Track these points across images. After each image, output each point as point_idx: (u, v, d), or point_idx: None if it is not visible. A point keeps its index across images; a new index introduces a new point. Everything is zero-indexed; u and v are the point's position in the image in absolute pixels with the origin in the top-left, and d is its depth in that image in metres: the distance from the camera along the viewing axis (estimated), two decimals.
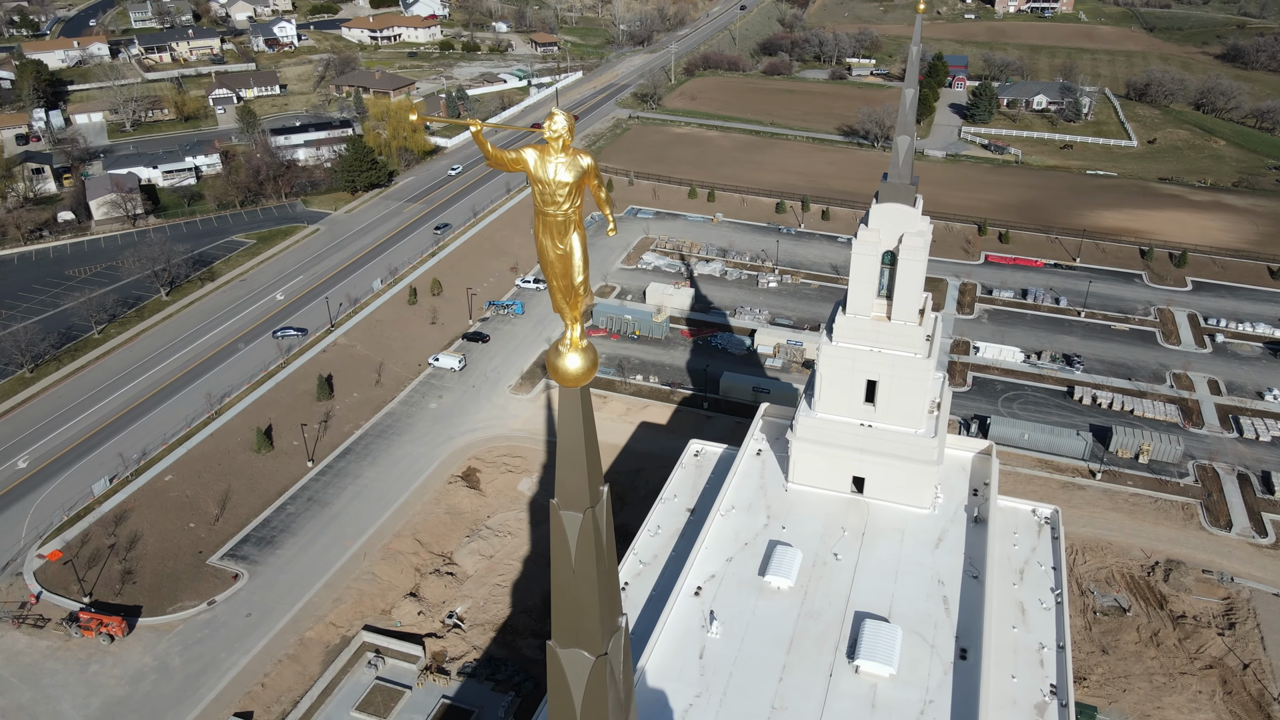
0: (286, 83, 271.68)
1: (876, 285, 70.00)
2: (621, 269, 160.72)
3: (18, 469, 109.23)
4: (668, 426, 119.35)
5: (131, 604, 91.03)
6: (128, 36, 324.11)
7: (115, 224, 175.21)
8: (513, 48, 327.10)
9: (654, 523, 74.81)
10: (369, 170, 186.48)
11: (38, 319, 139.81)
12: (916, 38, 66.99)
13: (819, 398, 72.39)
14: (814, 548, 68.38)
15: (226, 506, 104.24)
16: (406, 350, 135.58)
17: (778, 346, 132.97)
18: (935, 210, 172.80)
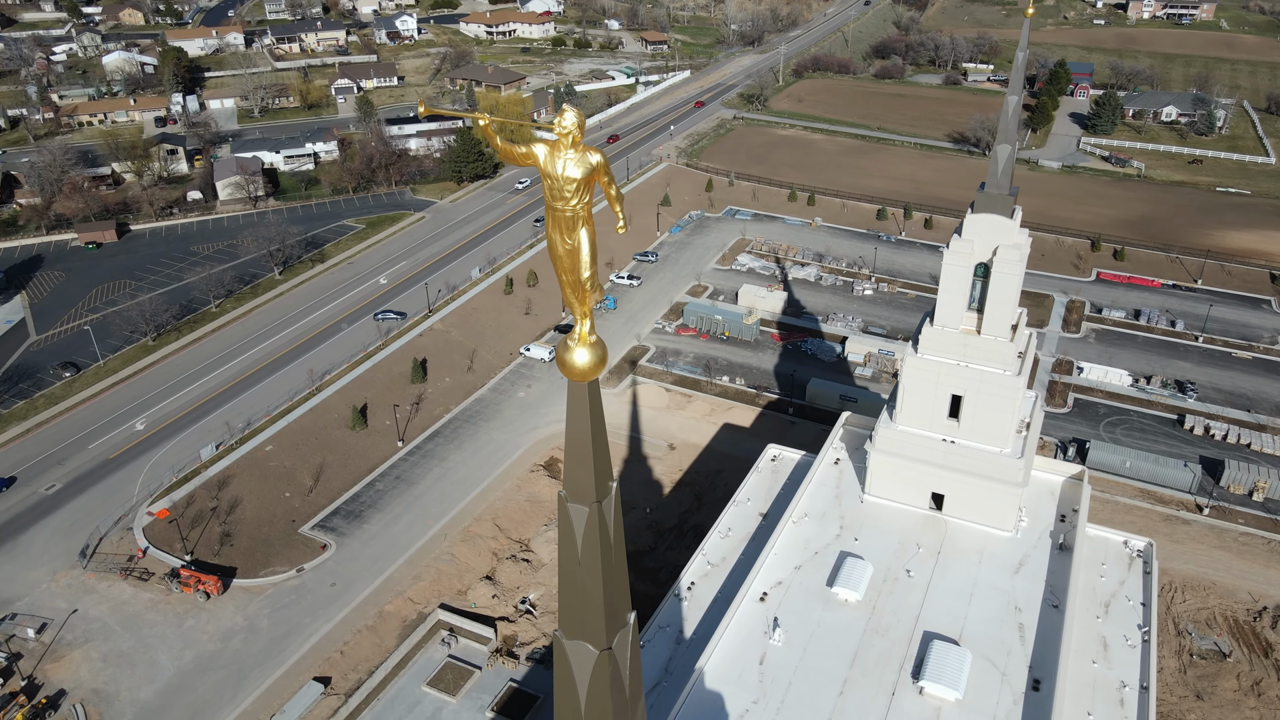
0: (404, 74, 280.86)
1: (967, 298, 67.94)
2: (716, 269, 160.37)
3: (136, 430, 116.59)
4: (751, 430, 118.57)
5: (228, 565, 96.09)
6: (261, 27, 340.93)
7: (238, 204, 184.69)
8: (623, 45, 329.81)
9: (725, 525, 74.59)
10: (475, 161, 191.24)
11: (163, 291, 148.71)
12: (1023, 43, 64.69)
13: (901, 410, 70.79)
14: (886, 562, 66.96)
15: (320, 479, 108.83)
16: (499, 339, 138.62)
17: (868, 355, 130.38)
18: (1046, 223, 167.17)
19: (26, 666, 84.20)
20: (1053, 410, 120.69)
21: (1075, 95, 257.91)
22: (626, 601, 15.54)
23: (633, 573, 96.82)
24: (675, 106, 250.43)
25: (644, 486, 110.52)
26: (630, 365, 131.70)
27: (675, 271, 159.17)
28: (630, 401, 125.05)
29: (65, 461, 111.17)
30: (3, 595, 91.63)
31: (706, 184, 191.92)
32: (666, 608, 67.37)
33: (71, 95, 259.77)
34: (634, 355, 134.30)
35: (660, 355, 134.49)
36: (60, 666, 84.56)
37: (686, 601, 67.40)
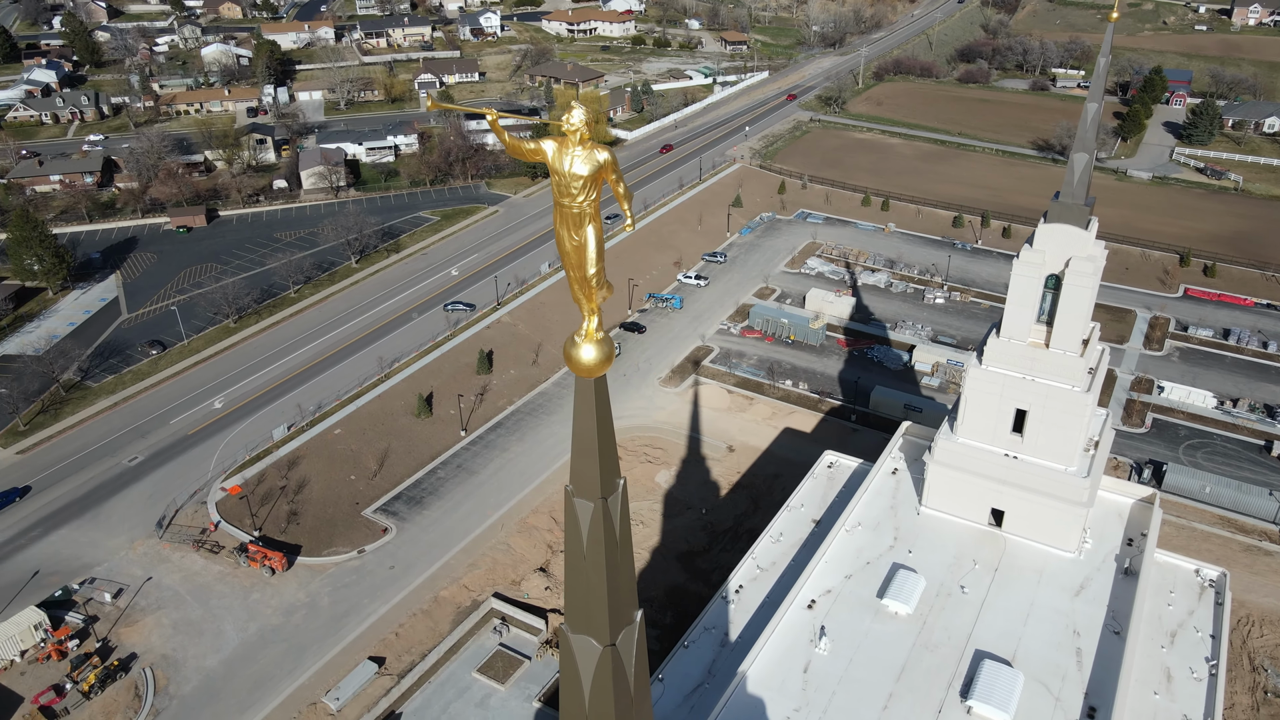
0: (485, 70, 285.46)
1: (1036, 310, 66.07)
2: (784, 272, 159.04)
3: (214, 409, 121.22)
4: (811, 435, 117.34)
5: (293, 543, 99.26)
6: (351, 22, 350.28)
7: (320, 194, 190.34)
8: (702, 45, 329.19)
9: (777, 529, 74.04)
10: None
11: (246, 275, 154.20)
12: (1105, 47, 62.55)
13: (962, 422, 69.25)
14: (940, 577, 65.61)
15: (384, 464, 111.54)
16: (565, 333, 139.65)
17: (936, 365, 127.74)
18: (1132, 235, 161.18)
19: (102, 629, 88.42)
20: (1128, 430, 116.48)
21: (1171, 104, 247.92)
22: (633, 599, 15.67)
23: (685, 573, 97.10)
24: (752, 107, 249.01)
25: (701, 487, 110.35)
26: (693, 365, 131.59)
27: (743, 273, 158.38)
28: (691, 401, 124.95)
29: (148, 435, 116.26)
30: (84, 560, 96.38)
31: (779, 186, 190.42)
32: (713, 609, 67.24)
33: (171, 85, 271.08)
34: (698, 355, 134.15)
35: (724, 356, 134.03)
36: (133, 631, 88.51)
37: (734, 604, 67.14)
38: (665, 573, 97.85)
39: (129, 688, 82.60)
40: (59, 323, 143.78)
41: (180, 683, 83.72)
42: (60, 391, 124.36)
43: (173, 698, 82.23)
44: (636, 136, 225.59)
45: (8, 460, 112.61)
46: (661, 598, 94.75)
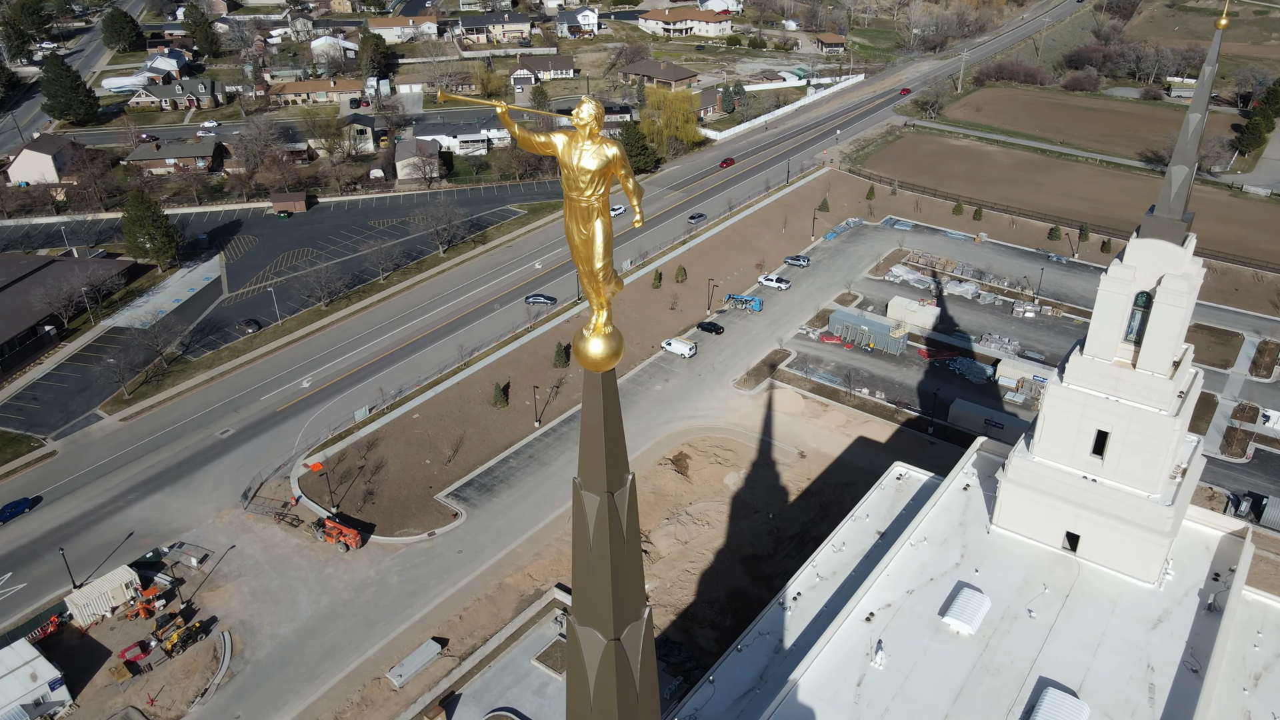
0: (580, 68, 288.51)
1: (1124, 328, 63.41)
2: (868, 279, 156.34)
3: (301, 388, 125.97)
4: (886, 445, 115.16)
5: (368, 521, 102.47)
6: (454, 18, 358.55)
7: (414, 184, 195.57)
8: (798, 46, 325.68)
9: (840, 539, 72.97)
10: (637, 155, 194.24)
11: (339, 260, 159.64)
12: (1212, 56, 59.66)
13: (1039, 440, 66.97)
14: (1006, 599, 63.62)
15: (459, 450, 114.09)
16: (643, 331, 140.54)
17: (1021, 381, 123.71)
18: (1244, 255, 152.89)
19: (187, 592, 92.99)
20: (1228, 459, 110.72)
21: None
22: (640, 595, 15.80)
23: (748, 576, 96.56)
24: (844, 110, 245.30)
25: (769, 491, 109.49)
26: (769, 369, 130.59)
27: (825, 278, 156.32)
28: (765, 405, 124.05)
29: (240, 410, 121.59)
30: (174, 525, 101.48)
31: (868, 191, 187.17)
32: (769, 614, 66.72)
33: (281, 75, 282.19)
34: (774, 359, 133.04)
35: (801, 361, 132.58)
36: (215, 595, 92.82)
37: (790, 611, 66.49)
38: (728, 575, 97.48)
39: (208, 649, 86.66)
40: (165, 299, 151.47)
41: (255, 648, 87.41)
42: (163, 364, 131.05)
43: (248, 662, 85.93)
44: (726, 137, 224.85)
45: (112, 426, 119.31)
46: (723, 599, 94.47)
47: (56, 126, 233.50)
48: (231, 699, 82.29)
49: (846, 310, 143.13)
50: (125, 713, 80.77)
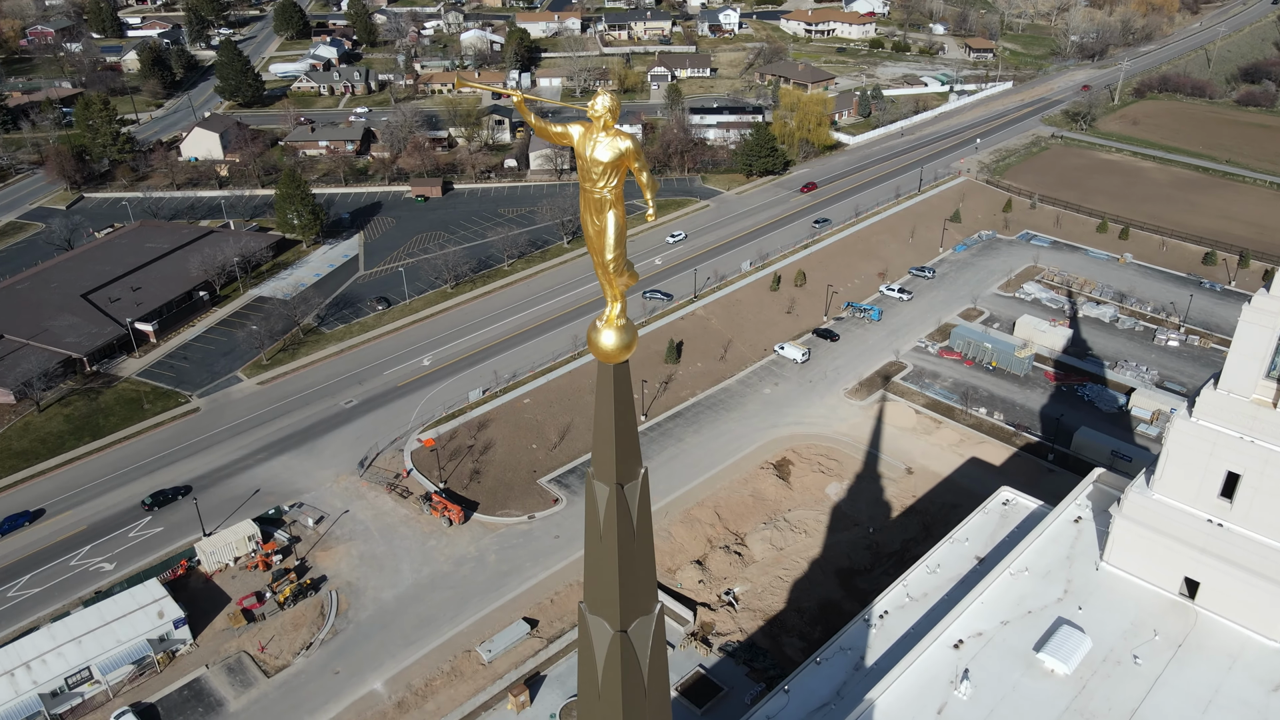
0: (718, 67, 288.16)
1: (1266, 363, 58.74)
2: (996, 295, 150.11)
3: (422, 365, 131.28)
4: (1000, 469, 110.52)
5: (472, 499, 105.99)
6: (598, 14, 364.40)
7: (545, 175, 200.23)
8: (944, 51, 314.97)
9: (935, 560, 70.65)
10: (767, 157, 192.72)
11: (468, 245, 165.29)
12: None
13: (1162, 477, 62.91)
14: (1110, 641, 60.13)
15: (565, 437, 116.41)
16: (757, 333, 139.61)
17: (1157, 413, 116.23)
18: None
19: (302, 549, 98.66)
20: None
21: None
22: (650, 591, 15.94)
23: (842, 589, 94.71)
24: (987, 119, 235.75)
25: (872, 505, 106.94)
26: (883, 380, 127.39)
27: (950, 291, 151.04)
28: (875, 417, 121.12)
29: (364, 382, 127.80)
30: (296, 486, 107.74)
31: (1005, 204, 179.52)
32: (853, 630, 65.33)
33: (430, 65, 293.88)
34: (889, 371, 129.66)
35: (917, 375, 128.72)
36: (327, 556, 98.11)
37: (875, 629, 64.90)
38: (821, 586, 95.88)
39: (316, 606, 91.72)
40: (307, 273, 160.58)
41: (359, 609, 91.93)
42: (299, 334, 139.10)
43: (350, 621, 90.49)
44: (859, 141, 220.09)
45: (250, 389, 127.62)
46: (813, 610, 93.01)
47: (226, 107, 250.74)
48: (333, 655, 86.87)
49: (970, 326, 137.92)
50: (238, 656, 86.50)
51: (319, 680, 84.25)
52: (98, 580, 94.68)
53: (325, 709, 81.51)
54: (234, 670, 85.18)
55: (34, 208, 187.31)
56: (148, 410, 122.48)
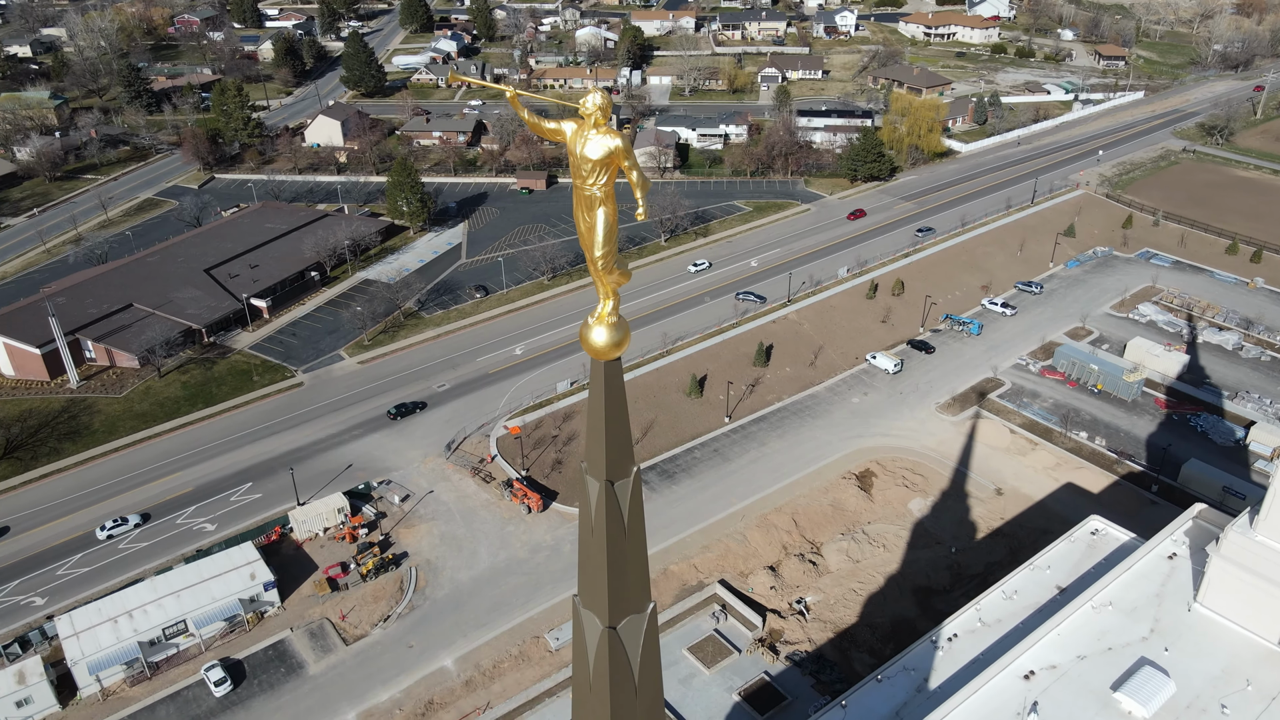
0: (830, 69, 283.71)
1: None
2: (1108, 314, 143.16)
3: (514, 354, 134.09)
4: (1096, 497, 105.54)
5: (551, 489, 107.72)
6: (713, 13, 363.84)
7: (648, 172, 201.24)
8: (1071, 58, 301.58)
9: (1012, 586, 68.12)
10: (873, 162, 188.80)
11: (566, 239, 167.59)
12: None
13: (1266, 517, 59.05)
14: (1196, 687, 56.84)
15: (647, 434, 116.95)
16: (849, 341, 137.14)
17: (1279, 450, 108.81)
18: None
19: (386, 525, 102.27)
20: None
21: None
22: (642, 591, 15.99)
23: (918, 608, 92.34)
24: (1112, 130, 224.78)
25: (956, 524, 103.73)
26: (978, 396, 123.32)
27: (1058, 308, 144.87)
28: (967, 434, 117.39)
29: (457, 367, 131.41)
30: (386, 464, 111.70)
31: (1125, 220, 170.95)
32: (918, 650, 63.62)
33: (545, 61, 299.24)
34: (985, 387, 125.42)
35: (1015, 393, 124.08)
36: (410, 533, 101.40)
37: (942, 651, 63.05)
38: (896, 603, 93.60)
39: (396, 580, 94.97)
40: (412, 258, 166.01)
41: (436, 587, 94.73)
42: (400, 317, 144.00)
43: (427, 598, 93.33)
44: (971, 149, 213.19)
45: (351, 367, 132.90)
46: (886, 627, 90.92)
47: (349, 97, 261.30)
48: (408, 629, 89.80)
49: (1076, 345, 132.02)
50: (320, 623, 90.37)
51: (393, 652, 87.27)
52: (199, 539, 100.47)
53: (397, 680, 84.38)
54: (316, 635, 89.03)
55: (169, 186, 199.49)
56: (256, 382, 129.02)
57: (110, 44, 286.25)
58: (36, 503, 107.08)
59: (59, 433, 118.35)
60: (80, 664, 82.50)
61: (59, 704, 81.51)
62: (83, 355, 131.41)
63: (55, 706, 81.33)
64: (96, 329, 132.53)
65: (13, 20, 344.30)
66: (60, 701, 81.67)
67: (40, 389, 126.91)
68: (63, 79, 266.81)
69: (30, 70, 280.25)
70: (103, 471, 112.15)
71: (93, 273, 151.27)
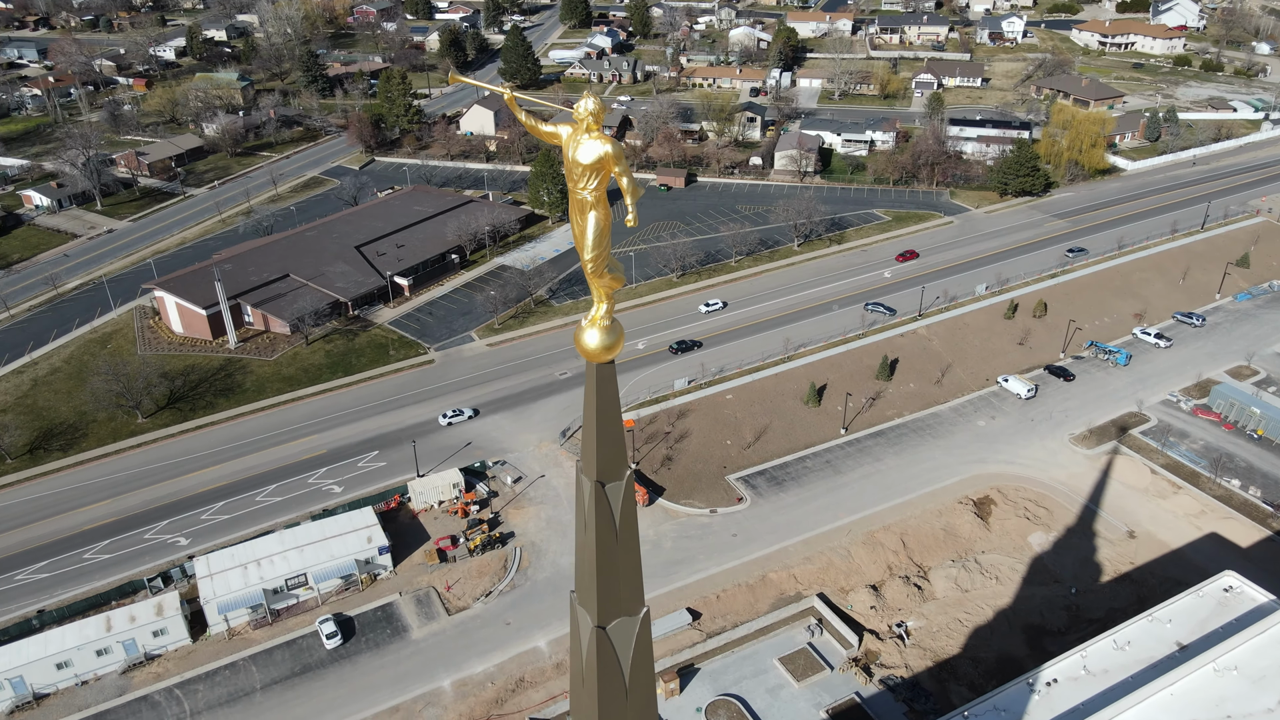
0: (990, 77, 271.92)
1: None
2: (1279, 355, 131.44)
3: (636, 348, 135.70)
4: (1244, 552, 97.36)
5: (659, 484, 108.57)
6: (872, 16, 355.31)
7: (787, 175, 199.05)
8: (1265, 73, 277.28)
9: (1126, 636, 63.90)
10: (1026, 176, 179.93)
11: (698, 238, 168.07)
12: None
13: None
14: None
15: (760, 439, 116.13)
16: (981, 361, 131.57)
17: None
18: None
19: (497, 504, 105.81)
20: None
21: None
22: (635, 595, 16.10)
23: (1027, 647, 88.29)
24: None
25: (1079, 564, 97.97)
26: (1118, 431, 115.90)
27: (1220, 344, 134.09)
28: (1101, 469, 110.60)
29: (579, 357, 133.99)
30: (502, 444, 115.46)
31: None
32: (1012, 690, 60.66)
33: (696, 59, 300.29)
34: (1127, 422, 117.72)
35: (1160, 431, 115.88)
36: (518, 514, 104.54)
37: (1038, 696, 59.86)
38: (1004, 639, 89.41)
39: (501, 558, 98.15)
40: (547, 248, 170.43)
41: (538, 569, 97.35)
42: (530, 304, 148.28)
43: (528, 579, 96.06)
44: (1138, 168, 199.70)
45: (479, 349, 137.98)
46: (990, 663, 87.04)
47: None
48: (508, 606, 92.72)
49: (1237, 385, 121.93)
50: (427, 591, 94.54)
51: (491, 627, 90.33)
52: (325, 500, 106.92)
53: (492, 655, 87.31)
54: (422, 602, 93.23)
55: (333, 166, 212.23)
56: (392, 356, 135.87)
57: (295, 31, 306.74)
58: (190, 451, 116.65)
59: (215, 388, 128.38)
60: (211, 603, 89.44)
61: (190, 638, 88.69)
62: (242, 319, 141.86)
63: (187, 640, 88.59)
64: (256, 295, 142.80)
65: (213, 6, 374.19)
66: (191, 636, 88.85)
67: (203, 347, 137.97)
68: (250, 62, 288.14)
69: (223, 53, 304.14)
70: (249, 428, 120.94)
71: (258, 243, 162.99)
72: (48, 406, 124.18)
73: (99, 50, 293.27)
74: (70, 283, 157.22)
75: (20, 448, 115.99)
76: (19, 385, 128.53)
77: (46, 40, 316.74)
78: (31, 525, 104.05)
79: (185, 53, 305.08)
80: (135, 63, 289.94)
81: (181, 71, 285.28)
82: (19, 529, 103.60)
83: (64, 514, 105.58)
